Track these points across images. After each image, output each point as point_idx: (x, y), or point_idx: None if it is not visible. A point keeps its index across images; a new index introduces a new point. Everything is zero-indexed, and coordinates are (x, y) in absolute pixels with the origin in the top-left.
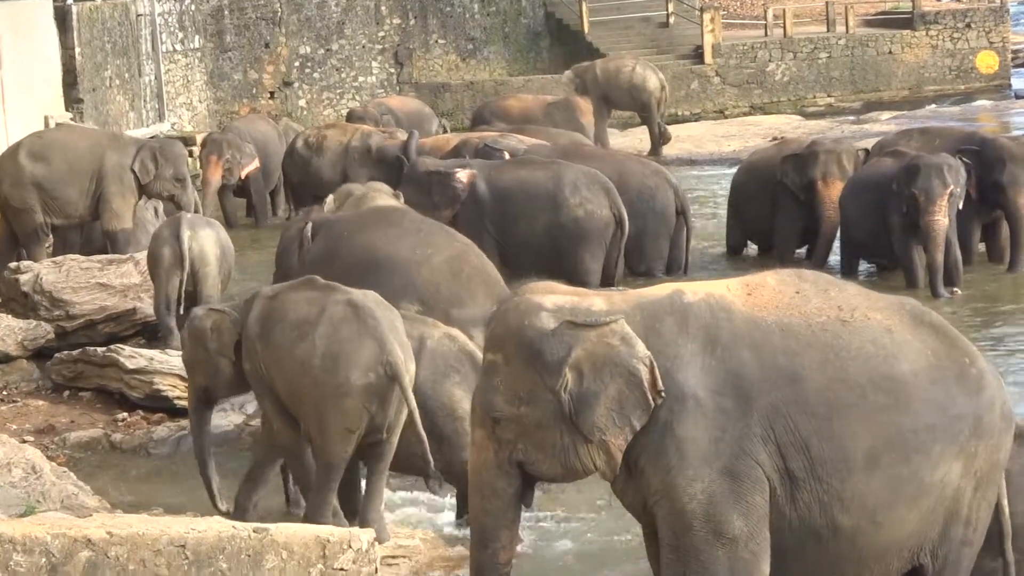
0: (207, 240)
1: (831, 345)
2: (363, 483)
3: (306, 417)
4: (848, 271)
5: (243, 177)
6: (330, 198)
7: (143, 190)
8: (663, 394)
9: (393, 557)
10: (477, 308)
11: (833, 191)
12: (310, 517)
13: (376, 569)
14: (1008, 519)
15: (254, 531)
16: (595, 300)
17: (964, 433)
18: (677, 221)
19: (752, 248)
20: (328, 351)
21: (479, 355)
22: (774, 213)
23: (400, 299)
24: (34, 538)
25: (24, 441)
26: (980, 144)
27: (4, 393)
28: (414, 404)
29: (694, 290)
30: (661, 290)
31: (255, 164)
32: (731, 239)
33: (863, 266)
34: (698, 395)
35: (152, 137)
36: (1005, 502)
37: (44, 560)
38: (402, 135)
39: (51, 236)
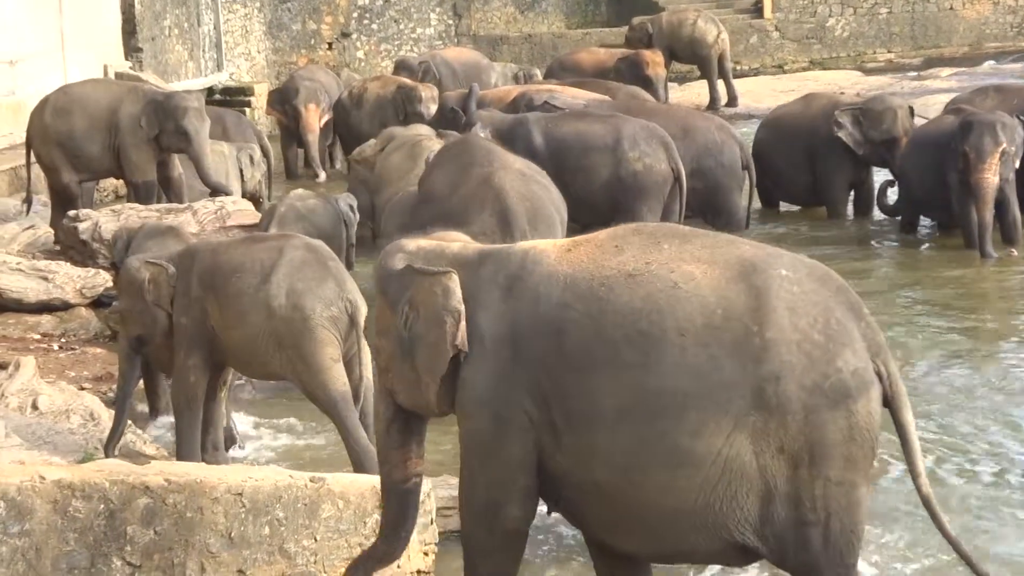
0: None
1: (600, 299)
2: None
3: (290, 369)
4: (909, 228)
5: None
6: (371, 142)
7: (157, 143)
8: (462, 348)
9: (448, 508)
10: (476, 225)
11: None
12: (359, 466)
13: (432, 520)
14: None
15: (311, 480)
16: (454, 247)
17: (737, 404)
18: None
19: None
20: (292, 289)
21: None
22: (811, 168)
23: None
24: (92, 484)
25: (82, 388)
26: None
27: (63, 340)
28: (366, 344)
29: (531, 244)
30: (512, 244)
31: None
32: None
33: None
34: (484, 339)
35: (201, 91)
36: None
37: (102, 506)
38: (423, 90)
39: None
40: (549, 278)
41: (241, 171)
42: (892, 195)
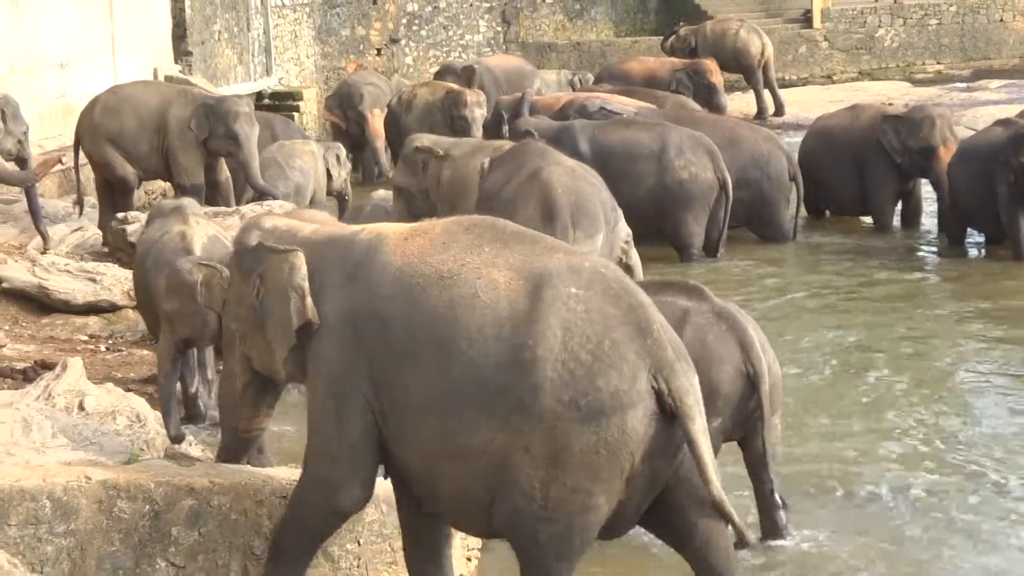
0: None
1: (414, 299)
2: None
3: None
4: (956, 241)
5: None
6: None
7: (206, 147)
8: (312, 320)
9: None
10: (520, 217)
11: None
12: None
13: None
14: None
15: None
16: (305, 228)
17: (504, 408)
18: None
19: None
20: None
21: None
22: (859, 178)
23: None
24: (138, 485)
25: (129, 390)
26: None
27: (110, 342)
28: None
29: (376, 231)
30: (360, 230)
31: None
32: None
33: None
34: (330, 321)
35: (251, 95)
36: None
37: (147, 507)
38: (470, 94)
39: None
40: (383, 268)
41: (328, 170)
42: None
